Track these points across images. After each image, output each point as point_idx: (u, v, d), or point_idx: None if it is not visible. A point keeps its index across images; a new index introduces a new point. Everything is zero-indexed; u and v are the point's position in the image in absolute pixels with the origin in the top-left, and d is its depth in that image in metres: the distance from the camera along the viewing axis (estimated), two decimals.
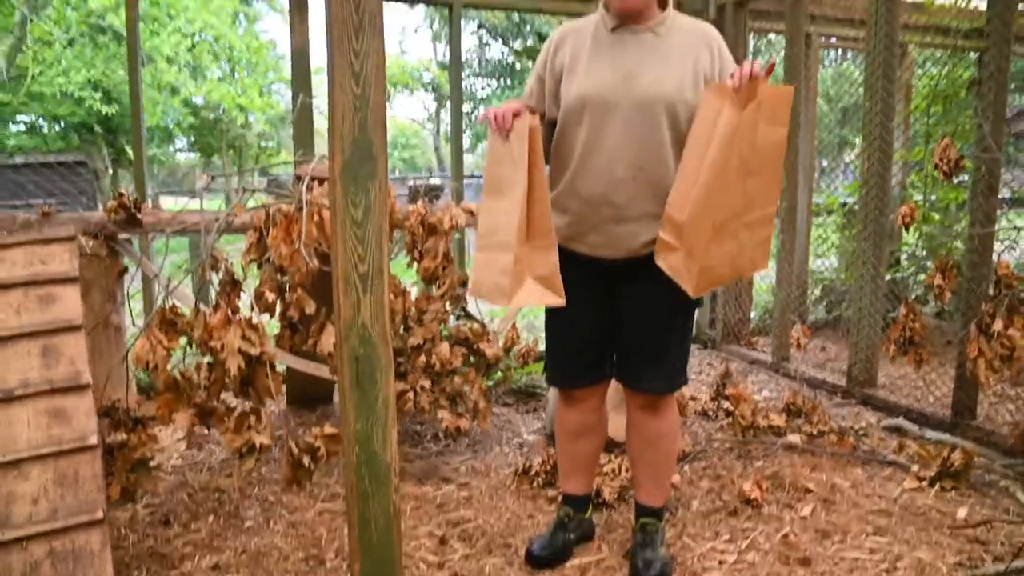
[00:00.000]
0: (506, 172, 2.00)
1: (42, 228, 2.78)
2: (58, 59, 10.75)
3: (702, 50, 2.11)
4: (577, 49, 2.15)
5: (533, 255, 2.00)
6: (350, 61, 1.54)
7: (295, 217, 2.35)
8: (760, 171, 1.93)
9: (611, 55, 2.10)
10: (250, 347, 2.16)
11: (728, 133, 1.88)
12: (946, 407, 3.60)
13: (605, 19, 2.15)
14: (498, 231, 2.00)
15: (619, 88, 2.05)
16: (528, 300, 2.03)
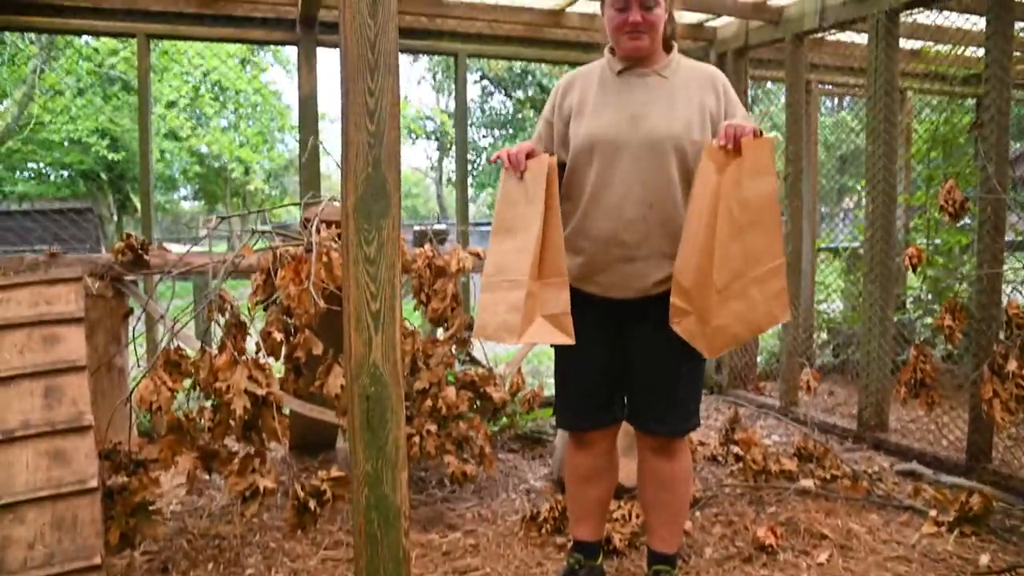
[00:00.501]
0: (519, 212, 2.00)
1: (48, 269, 2.77)
2: (67, 108, 10.94)
3: (707, 91, 2.14)
4: (585, 93, 2.18)
5: (544, 293, 1.99)
6: (365, 99, 1.56)
7: (304, 258, 2.35)
8: (756, 225, 1.92)
9: (618, 97, 2.12)
10: (257, 387, 2.13)
11: (712, 196, 1.89)
12: (960, 451, 3.54)
13: (611, 63, 2.18)
14: (507, 270, 2.00)
15: (627, 129, 2.07)
16: (538, 337, 2.01)
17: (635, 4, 2.06)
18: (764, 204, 1.92)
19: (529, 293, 1.93)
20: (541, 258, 1.97)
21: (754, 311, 1.95)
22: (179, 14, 4.03)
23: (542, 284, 1.98)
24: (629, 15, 2.07)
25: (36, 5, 3.81)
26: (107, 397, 2.91)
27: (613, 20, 2.11)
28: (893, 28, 3.73)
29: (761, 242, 1.93)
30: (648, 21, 2.07)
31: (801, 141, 4.37)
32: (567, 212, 2.17)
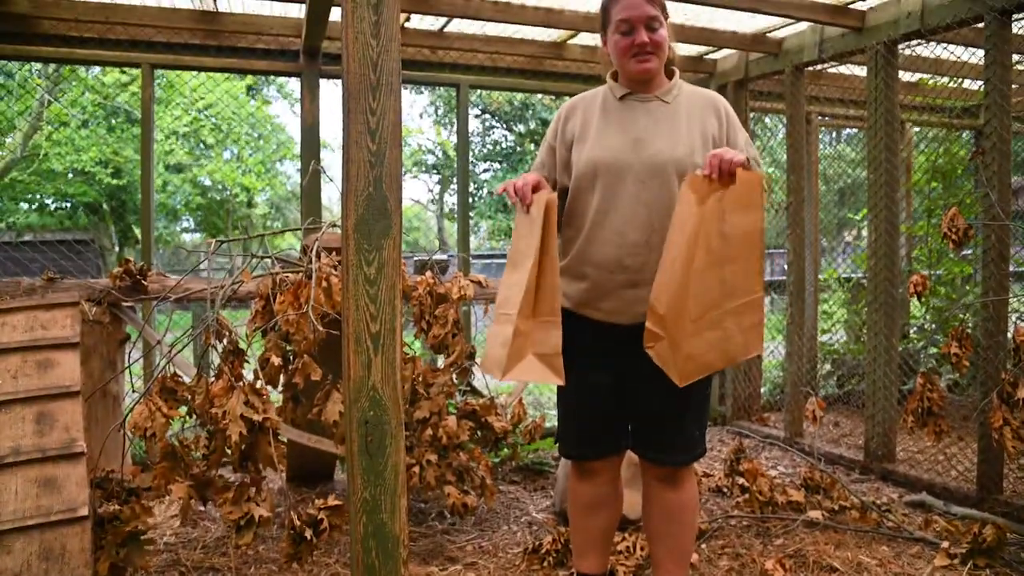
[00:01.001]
0: (522, 246, 1.99)
1: (45, 293, 2.75)
2: (72, 138, 11.01)
3: (709, 114, 2.14)
4: (587, 118, 2.17)
5: (536, 331, 1.96)
6: (367, 118, 1.55)
7: (304, 282, 2.32)
8: (736, 259, 1.91)
9: (621, 122, 2.12)
10: (253, 413, 2.08)
11: (692, 227, 1.87)
12: (970, 481, 3.48)
13: (613, 89, 2.18)
14: (506, 303, 1.97)
15: (630, 153, 2.06)
16: (525, 376, 1.98)
17: (640, 26, 2.07)
18: (746, 239, 1.90)
19: (518, 330, 1.90)
20: (535, 296, 1.94)
21: (729, 342, 1.93)
22: (183, 45, 4.07)
23: (535, 323, 1.95)
24: (636, 37, 2.07)
25: (43, 35, 3.84)
26: (101, 424, 2.86)
27: (619, 44, 2.10)
28: (892, 59, 3.76)
29: (740, 275, 1.91)
30: (655, 42, 2.07)
31: (802, 171, 4.38)
32: (569, 238, 2.15)
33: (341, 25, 1.57)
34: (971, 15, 3.35)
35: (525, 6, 3.92)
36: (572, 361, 2.11)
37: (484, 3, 3.85)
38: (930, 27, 3.55)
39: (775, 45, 4.39)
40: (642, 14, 2.06)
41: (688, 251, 1.87)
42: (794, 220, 4.37)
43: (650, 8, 2.07)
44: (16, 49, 3.86)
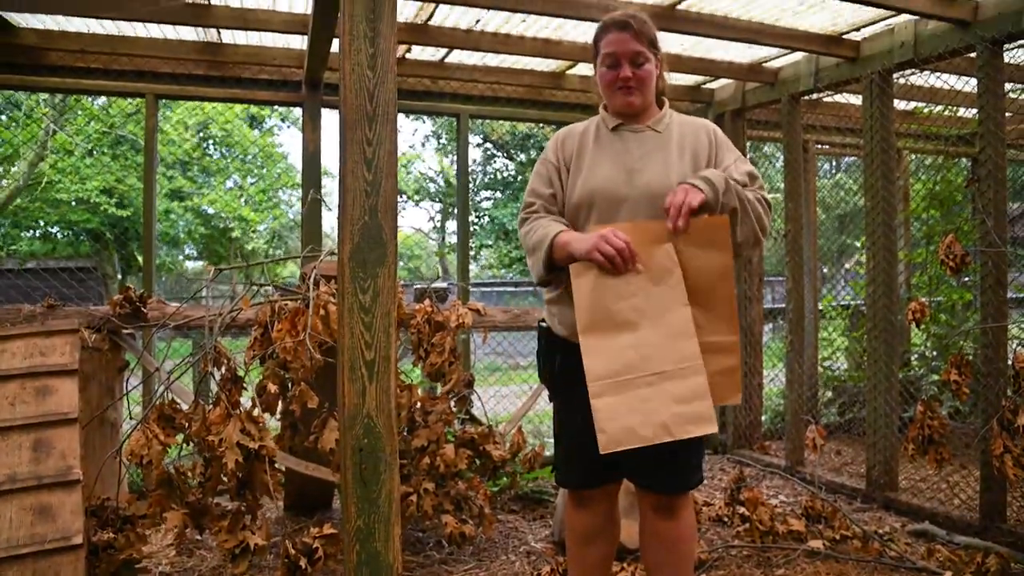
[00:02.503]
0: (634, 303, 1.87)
1: (46, 320, 2.76)
2: (76, 167, 11.10)
3: (700, 139, 2.15)
4: (581, 148, 2.19)
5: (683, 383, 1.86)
6: (363, 148, 1.57)
7: (301, 310, 2.33)
8: (704, 296, 1.88)
9: (614, 153, 2.13)
10: (249, 441, 2.08)
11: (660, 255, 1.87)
12: (973, 510, 3.44)
13: (606, 120, 2.20)
14: (650, 361, 1.84)
15: (624, 183, 2.07)
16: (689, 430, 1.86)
17: (625, 61, 2.09)
18: (715, 280, 1.88)
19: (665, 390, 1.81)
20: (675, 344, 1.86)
21: (695, 389, 1.86)
22: (187, 75, 4.13)
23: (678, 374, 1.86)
24: (620, 71, 2.09)
25: (50, 66, 3.91)
26: (98, 451, 2.85)
27: (605, 77, 2.14)
28: (887, 88, 3.80)
29: (703, 317, 1.87)
30: (638, 77, 2.10)
31: (800, 199, 4.40)
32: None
33: (339, 56, 1.60)
34: (963, 45, 3.39)
35: (524, 37, 3.99)
36: (568, 390, 2.11)
37: (483, 35, 3.91)
38: (923, 56, 3.59)
39: (771, 75, 4.45)
40: (627, 49, 2.09)
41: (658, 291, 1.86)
42: (793, 248, 4.38)
43: (635, 44, 2.09)
44: (23, 80, 3.93)
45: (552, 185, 2.21)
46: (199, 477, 2.20)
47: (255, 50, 4.09)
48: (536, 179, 2.26)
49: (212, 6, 3.52)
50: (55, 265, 11.99)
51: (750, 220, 2.01)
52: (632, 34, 2.10)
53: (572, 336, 2.12)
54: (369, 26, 1.58)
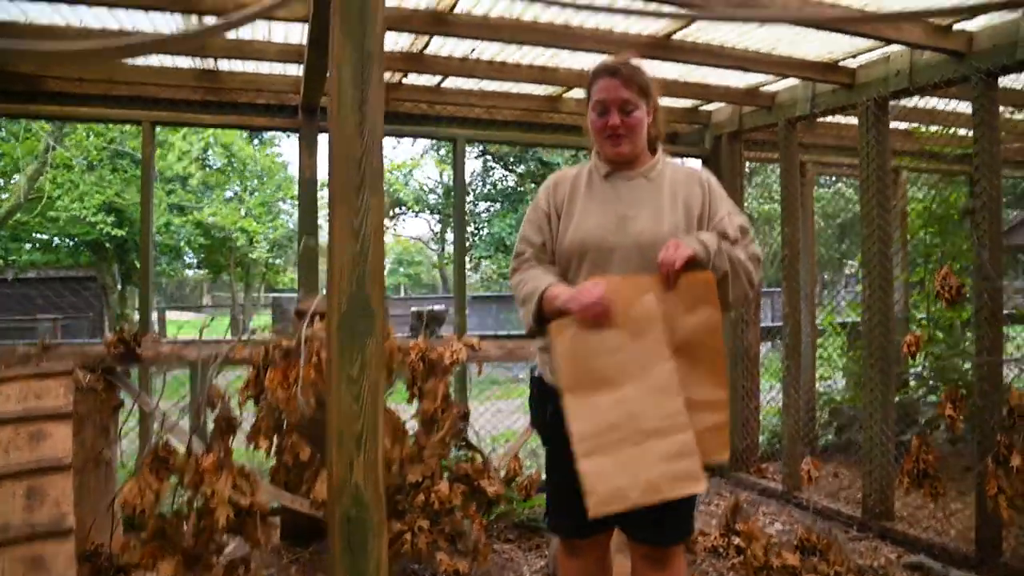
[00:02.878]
0: (616, 359, 1.87)
1: (40, 362, 2.76)
2: (76, 184, 11.11)
3: (693, 188, 2.14)
4: (573, 194, 2.18)
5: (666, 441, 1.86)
6: (350, 218, 1.57)
7: (293, 361, 2.33)
8: (692, 352, 1.87)
9: (605, 200, 2.13)
10: (240, 497, 2.09)
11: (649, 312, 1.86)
12: (969, 541, 3.43)
13: (598, 167, 2.19)
14: (637, 418, 1.84)
15: (616, 233, 2.07)
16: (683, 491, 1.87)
17: (614, 108, 2.09)
18: (703, 337, 1.87)
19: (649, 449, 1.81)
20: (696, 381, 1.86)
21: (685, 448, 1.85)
22: (184, 101, 4.13)
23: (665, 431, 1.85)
24: (608, 119, 2.09)
25: (47, 93, 3.90)
26: (93, 491, 2.85)
27: (595, 124, 2.13)
28: (882, 116, 3.79)
29: (691, 374, 1.86)
30: (627, 125, 2.09)
31: (797, 223, 4.40)
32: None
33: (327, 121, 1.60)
34: (958, 75, 3.39)
35: (520, 65, 3.98)
36: (560, 438, 2.11)
37: (479, 63, 3.91)
38: (919, 85, 3.59)
39: (768, 99, 4.44)
40: (616, 96, 2.08)
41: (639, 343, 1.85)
42: (789, 272, 4.38)
43: (625, 91, 2.09)
44: (22, 108, 3.93)
45: (543, 233, 2.21)
46: (193, 528, 2.20)
47: (251, 76, 4.09)
48: (527, 226, 2.25)
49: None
50: (56, 274, 12.05)
51: (741, 282, 2.01)
52: (622, 81, 2.09)
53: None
54: (357, 92, 1.57)
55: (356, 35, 1.56)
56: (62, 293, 11.11)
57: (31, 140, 10.22)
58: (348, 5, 1.56)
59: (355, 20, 1.56)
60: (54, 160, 10.31)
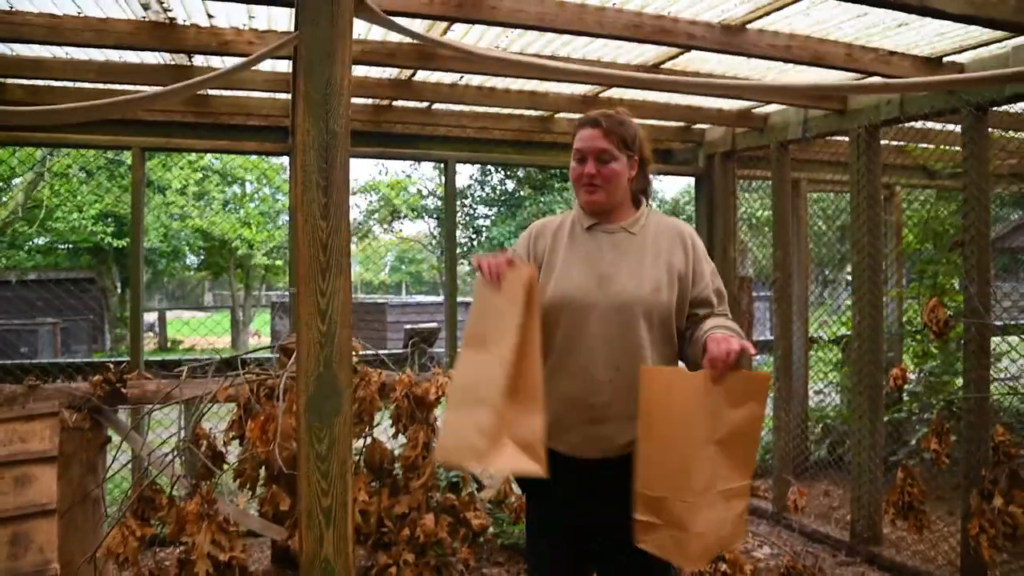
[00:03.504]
0: (492, 325, 1.86)
1: (27, 402, 2.78)
2: (74, 194, 11.11)
3: (676, 248, 2.14)
4: (555, 244, 2.18)
5: (517, 417, 1.84)
6: (316, 300, 1.58)
7: (271, 416, 2.35)
8: (733, 444, 1.84)
9: (586, 255, 2.13)
10: (220, 552, 2.11)
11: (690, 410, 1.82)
12: (956, 569, 3.45)
13: (580, 218, 2.19)
14: (478, 387, 1.84)
15: (595, 291, 2.07)
16: (504, 465, 1.85)
17: (591, 157, 2.09)
18: (745, 430, 1.85)
19: (500, 416, 1.77)
20: (516, 378, 1.82)
21: (724, 526, 1.83)
22: (176, 124, 4.13)
23: (516, 408, 1.83)
24: (585, 167, 2.09)
25: None
26: (81, 529, 2.87)
27: (573, 172, 2.13)
28: (874, 144, 3.78)
29: (735, 460, 1.85)
30: (603, 174, 2.08)
31: (788, 247, 4.39)
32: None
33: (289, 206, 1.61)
34: (948, 107, 3.37)
35: (509, 90, 3.98)
36: (537, 488, 2.13)
37: (468, 88, 3.91)
38: (909, 115, 3.57)
39: (760, 120, 4.43)
40: (593, 147, 2.08)
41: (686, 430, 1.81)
42: (780, 296, 4.38)
43: (603, 142, 2.08)
44: (10, 135, 3.94)
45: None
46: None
47: (242, 101, 4.09)
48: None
49: (193, 67, 3.52)
50: (56, 276, 12.10)
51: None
52: (601, 131, 2.09)
53: None
54: (322, 175, 1.58)
55: (320, 116, 1.57)
56: (61, 296, 11.16)
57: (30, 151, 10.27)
58: (313, 87, 1.57)
59: (320, 101, 1.57)
60: (51, 168, 10.34)
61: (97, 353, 12.62)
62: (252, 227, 13.18)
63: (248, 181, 13.31)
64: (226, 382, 2.60)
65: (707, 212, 4.94)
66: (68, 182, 11.19)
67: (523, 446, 1.82)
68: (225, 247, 13.56)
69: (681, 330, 2.14)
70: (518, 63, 3.14)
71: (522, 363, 1.83)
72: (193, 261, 14.95)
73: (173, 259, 13.86)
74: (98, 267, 12.86)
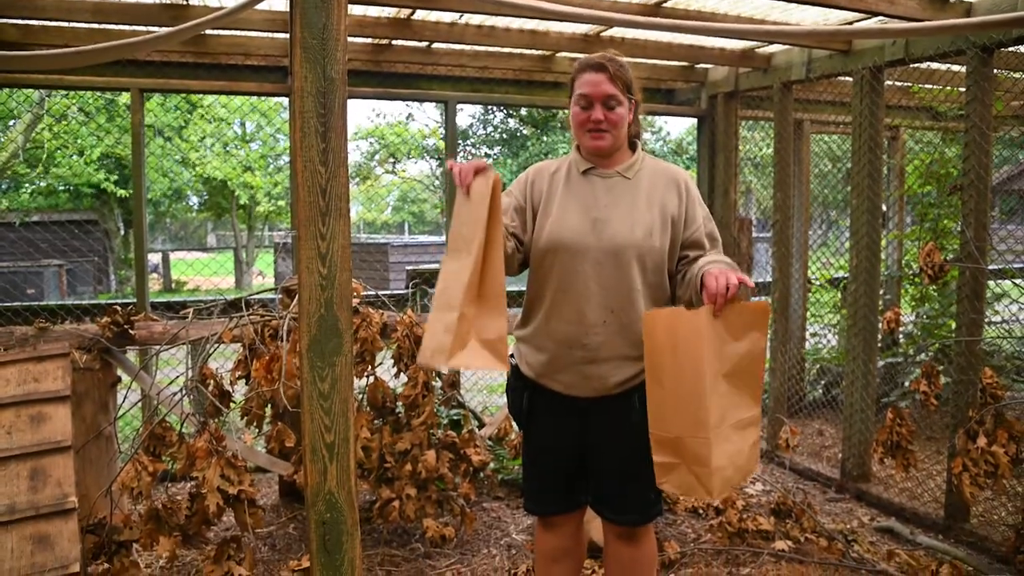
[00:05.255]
0: (465, 230, 1.90)
1: (37, 344, 2.86)
2: (74, 136, 10.99)
3: (670, 192, 2.17)
4: (551, 188, 2.21)
5: (481, 318, 1.89)
6: (317, 243, 1.62)
7: (275, 356, 2.41)
8: (740, 375, 1.90)
9: (582, 199, 2.16)
10: (229, 486, 2.20)
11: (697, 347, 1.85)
12: (940, 506, 3.57)
13: (577, 162, 2.21)
14: (448, 291, 1.88)
15: (589, 235, 2.11)
16: (470, 363, 1.90)
17: (598, 102, 2.10)
18: (749, 361, 1.91)
19: (462, 315, 1.82)
20: (481, 281, 1.88)
21: (740, 457, 1.91)
22: (174, 64, 4.10)
23: (479, 309, 1.88)
24: (592, 113, 2.10)
25: None
26: (95, 464, 2.99)
27: (577, 117, 2.14)
28: (877, 86, 3.74)
29: (743, 391, 1.91)
30: (610, 120, 2.11)
31: (789, 189, 4.39)
32: (530, 311, 2.22)
33: (290, 149, 1.63)
34: (953, 48, 3.33)
35: (509, 29, 3.92)
36: (535, 423, 2.22)
37: (468, 27, 3.85)
38: (914, 56, 3.53)
39: (764, 60, 4.36)
40: (601, 92, 2.09)
41: (696, 366, 1.85)
42: (780, 238, 4.40)
43: (610, 87, 2.10)
44: (6, 77, 3.91)
45: (514, 219, 2.21)
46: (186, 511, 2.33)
47: (241, 40, 4.04)
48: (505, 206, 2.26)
49: (190, 7, 3.47)
50: (60, 218, 12.11)
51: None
52: (607, 76, 2.10)
53: (536, 377, 2.21)
54: (320, 121, 1.60)
55: (318, 62, 1.58)
56: (68, 235, 11.19)
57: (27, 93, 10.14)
58: (309, 34, 1.57)
59: (317, 48, 1.57)
60: (50, 109, 10.21)
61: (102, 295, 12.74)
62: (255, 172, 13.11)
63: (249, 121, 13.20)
64: (231, 323, 2.66)
65: (709, 153, 4.92)
66: (68, 123, 11.09)
67: (486, 344, 1.89)
68: (226, 187, 13.51)
69: (672, 273, 2.18)
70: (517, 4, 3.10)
71: (486, 265, 1.88)
72: (195, 202, 14.95)
73: (176, 200, 13.85)
74: (100, 209, 12.87)
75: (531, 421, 2.30)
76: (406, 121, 15.84)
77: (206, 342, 2.69)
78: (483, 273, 1.88)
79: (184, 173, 13.00)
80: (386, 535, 3.45)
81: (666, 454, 1.93)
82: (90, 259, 11.79)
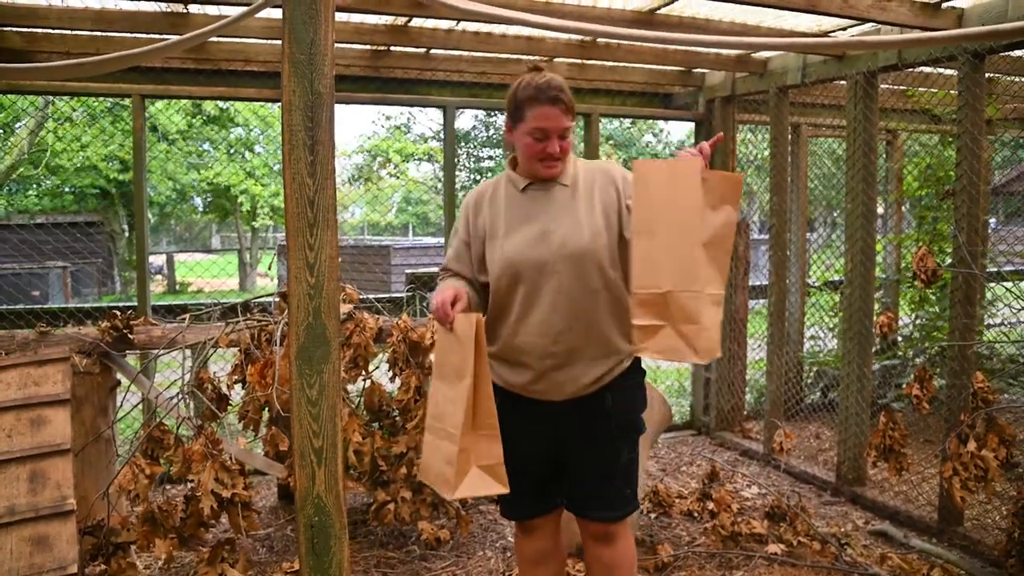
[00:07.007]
0: (452, 361, 2.03)
1: (38, 348, 2.90)
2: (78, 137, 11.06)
3: (608, 188, 2.19)
4: (495, 212, 2.23)
5: (478, 445, 2.03)
6: (305, 254, 1.65)
7: (269, 361, 2.45)
8: (713, 248, 1.85)
9: (527, 216, 2.18)
10: (223, 489, 2.24)
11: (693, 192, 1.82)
12: (934, 509, 3.58)
13: (515, 179, 2.22)
14: (444, 419, 2.04)
15: (540, 247, 2.13)
16: (473, 490, 2.05)
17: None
18: (724, 234, 1.87)
19: (462, 449, 1.99)
20: (473, 412, 2.01)
21: (715, 330, 1.84)
22: (175, 70, 4.14)
23: (475, 437, 2.03)
24: (548, 145, 2.12)
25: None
26: (94, 467, 3.03)
27: (531, 148, 2.14)
28: (871, 91, 3.76)
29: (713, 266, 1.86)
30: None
31: (785, 193, 4.41)
32: (496, 328, 2.22)
33: (282, 162, 1.67)
34: (946, 55, 3.34)
35: (506, 35, 3.95)
36: (508, 430, 2.25)
37: (465, 34, 3.89)
38: (907, 62, 3.55)
39: (760, 65, 4.39)
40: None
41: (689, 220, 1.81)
42: (776, 242, 4.42)
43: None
44: (9, 83, 3.97)
45: (461, 261, 2.28)
46: (181, 513, 2.37)
47: (240, 47, 4.08)
48: (451, 250, 2.34)
49: (190, 14, 3.52)
50: (64, 220, 12.18)
51: None
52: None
53: (511, 388, 2.24)
54: (308, 135, 1.63)
55: (305, 76, 1.61)
56: (71, 238, 11.27)
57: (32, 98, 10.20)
58: (298, 48, 1.61)
59: (304, 62, 1.61)
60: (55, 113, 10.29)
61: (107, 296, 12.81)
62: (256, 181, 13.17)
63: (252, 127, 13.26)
64: (227, 328, 2.70)
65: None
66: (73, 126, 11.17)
67: (487, 470, 2.04)
68: (229, 191, 13.57)
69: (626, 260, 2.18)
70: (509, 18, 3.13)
71: (477, 396, 2.01)
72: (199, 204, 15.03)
73: (180, 202, 13.92)
74: (105, 211, 12.95)
75: (504, 425, 2.33)
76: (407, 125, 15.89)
77: (203, 346, 2.73)
78: (475, 402, 2.01)
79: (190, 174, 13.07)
80: (382, 537, 3.49)
81: (649, 316, 1.87)
82: (94, 261, 11.86)
